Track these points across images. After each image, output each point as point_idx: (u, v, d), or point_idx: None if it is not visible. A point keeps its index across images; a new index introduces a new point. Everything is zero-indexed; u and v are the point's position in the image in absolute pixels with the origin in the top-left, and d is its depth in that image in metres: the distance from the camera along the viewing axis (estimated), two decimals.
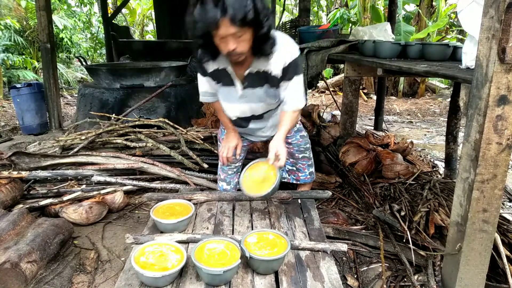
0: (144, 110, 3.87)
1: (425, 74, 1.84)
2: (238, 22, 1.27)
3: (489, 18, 1.16)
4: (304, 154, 2.03)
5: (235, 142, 1.86)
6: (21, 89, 4.04)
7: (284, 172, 2.10)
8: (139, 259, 1.28)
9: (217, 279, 1.22)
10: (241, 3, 1.25)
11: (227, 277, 1.23)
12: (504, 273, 1.53)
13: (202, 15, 1.28)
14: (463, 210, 1.33)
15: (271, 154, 1.52)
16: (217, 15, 1.25)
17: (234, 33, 1.32)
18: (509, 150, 1.22)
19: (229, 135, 1.88)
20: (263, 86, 1.63)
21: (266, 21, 1.36)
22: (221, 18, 1.26)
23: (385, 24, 3.11)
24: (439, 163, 3.33)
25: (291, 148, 1.97)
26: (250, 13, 1.28)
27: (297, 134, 1.98)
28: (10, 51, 7.38)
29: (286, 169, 2.07)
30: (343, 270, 1.76)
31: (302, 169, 2.06)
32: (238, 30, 1.31)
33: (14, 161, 2.57)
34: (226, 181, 2.04)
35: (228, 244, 1.34)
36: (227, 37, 1.33)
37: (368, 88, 7.75)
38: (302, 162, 2.04)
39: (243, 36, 1.35)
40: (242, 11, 1.25)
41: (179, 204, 1.68)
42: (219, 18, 1.26)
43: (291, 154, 1.99)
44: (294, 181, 2.08)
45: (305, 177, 2.08)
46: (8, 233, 1.77)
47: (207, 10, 1.26)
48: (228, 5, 1.24)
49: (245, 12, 1.26)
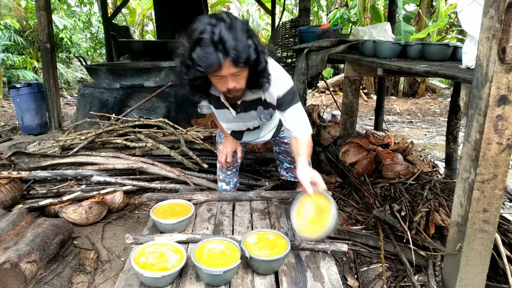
0: (144, 110, 3.87)
1: (425, 74, 1.84)
2: (242, 63, 1.26)
3: (489, 18, 1.15)
4: None
5: (234, 147, 1.88)
6: (21, 89, 4.04)
7: (282, 170, 2.10)
8: (139, 259, 1.28)
9: (217, 279, 1.22)
10: (242, 45, 1.23)
11: (227, 277, 1.23)
12: (504, 273, 1.53)
13: (204, 58, 1.24)
14: (464, 210, 1.33)
15: (307, 185, 1.39)
16: (220, 58, 1.22)
17: (234, 73, 1.30)
18: (509, 150, 1.22)
19: (228, 140, 1.89)
20: (257, 108, 1.63)
21: (264, 57, 1.34)
22: (224, 60, 1.23)
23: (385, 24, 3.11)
24: (439, 163, 3.33)
25: (288, 147, 1.98)
26: (253, 54, 1.27)
27: None
28: (10, 51, 7.37)
29: (284, 167, 2.07)
30: (343, 270, 1.75)
31: None
32: (238, 70, 1.29)
33: (13, 161, 2.57)
34: (226, 181, 2.05)
35: (228, 244, 1.33)
36: (227, 77, 1.32)
37: (368, 88, 7.75)
38: None
39: (242, 75, 1.34)
40: (245, 53, 1.24)
41: (179, 204, 1.67)
42: (222, 60, 1.23)
43: (288, 153, 1.99)
44: (292, 179, 2.08)
45: None
46: (8, 233, 1.77)
47: (209, 53, 1.22)
48: (230, 47, 1.21)
49: (248, 54, 1.25)
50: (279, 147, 2.01)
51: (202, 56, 1.24)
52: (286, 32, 4.31)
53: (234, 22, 1.25)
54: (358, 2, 7.04)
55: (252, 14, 12.74)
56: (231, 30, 1.22)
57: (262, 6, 6.65)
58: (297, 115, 1.56)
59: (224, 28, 1.22)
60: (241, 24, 1.26)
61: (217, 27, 1.22)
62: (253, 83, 1.43)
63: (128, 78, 4.11)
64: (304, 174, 1.41)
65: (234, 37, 1.22)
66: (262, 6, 6.72)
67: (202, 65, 1.25)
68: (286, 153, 2.00)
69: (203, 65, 1.25)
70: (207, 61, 1.23)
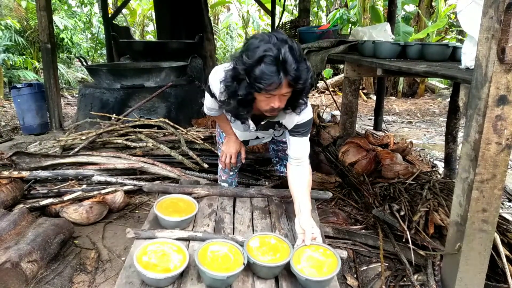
0: (144, 110, 3.88)
1: (424, 74, 1.85)
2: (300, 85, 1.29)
3: (488, 18, 1.16)
4: None
5: (236, 149, 1.89)
6: (21, 89, 4.05)
7: (282, 167, 2.11)
8: (141, 258, 1.28)
9: (220, 283, 1.22)
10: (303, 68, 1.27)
11: (229, 281, 1.24)
12: (503, 272, 1.54)
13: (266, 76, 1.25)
14: (463, 210, 1.33)
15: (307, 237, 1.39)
16: (281, 77, 1.25)
17: (285, 93, 1.33)
18: (508, 150, 1.23)
19: (230, 141, 1.90)
20: (274, 127, 1.68)
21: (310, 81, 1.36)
22: (284, 79, 1.26)
23: (385, 24, 3.12)
24: (438, 163, 3.33)
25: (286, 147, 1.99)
26: (310, 78, 1.30)
27: None
28: (11, 51, 7.38)
29: (284, 164, 2.09)
30: (342, 269, 1.76)
31: None
32: (290, 90, 1.32)
33: (14, 161, 2.58)
34: (228, 182, 2.06)
35: (232, 247, 1.34)
36: (276, 96, 1.33)
37: (367, 88, 7.76)
38: None
39: (287, 95, 1.36)
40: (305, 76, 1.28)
41: (182, 200, 1.66)
42: (283, 80, 1.26)
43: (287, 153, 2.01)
44: None
45: None
46: (9, 233, 1.77)
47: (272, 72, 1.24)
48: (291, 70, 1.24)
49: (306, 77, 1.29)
50: (276, 146, 2.03)
51: (265, 74, 1.25)
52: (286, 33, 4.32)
53: (294, 44, 1.29)
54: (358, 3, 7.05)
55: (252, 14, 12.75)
56: (292, 52, 1.26)
57: (262, 7, 6.66)
58: (305, 145, 1.61)
59: (288, 49, 1.25)
60: (298, 47, 1.30)
61: (281, 47, 1.25)
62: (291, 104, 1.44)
63: (128, 79, 4.12)
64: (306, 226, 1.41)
65: (295, 59, 1.26)
66: (262, 7, 6.73)
67: (263, 82, 1.26)
68: (284, 152, 2.01)
69: (264, 82, 1.26)
70: (270, 79, 1.25)
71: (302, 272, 1.25)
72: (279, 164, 2.12)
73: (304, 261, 1.31)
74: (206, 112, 1.81)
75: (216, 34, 11.39)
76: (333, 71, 8.81)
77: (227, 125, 1.86)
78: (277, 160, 2.11)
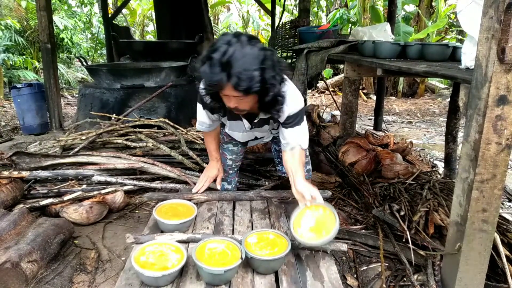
0: (144, 110, 3.88)
1: (424, 74, 1.85)
2: (242, 91, 1.27)
3: (488, 19, 1.16)
4: None
5: (215, 173, 1.94)
6: (21, 89, 4.05)
7: (282, 167, 2.11)
8: (139, 258, 1.28)
9: (218, 278, 1.22)
10: (247, 74, 1.23)
11: (227, 276, 1.24)
12: (503, 272, 1.54)
13: (208, 76, 1.27)
14: (463, 210, 1.33)
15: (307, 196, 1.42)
16: (222, 80, 1.25)
17: (237, 96, 1.32)
18: (508, 150, 1.23)
19: (211, 165, 1.95)
20: (269, 123, 1.68)
21: (272, 90, 1.34)
22: (226, 83, 1.25)
23: (385, 24, 3.12)
24: (438, 163, 3.33)
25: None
26: (255, 86, 1.26)
27: None
28: (11, 51, 7.38)
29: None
30: (342, 269, 1.76)
31: None
32: (241, 95, 1.30)
33: (14, 161, 2.58)
34: (227, 180, 2.06)
35: (229, 244, 1.34)
36: (230, 97, 1.34)
37: (367, 88, 7.76)
38: None
39: (246, 100, 1.35)
40: (246, 83, 1.24)
41: (181, 205, 1.68)
42: (224, 82, 1.25)
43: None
44: None
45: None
46: (9, 233, 1.77)
47: (214, 72, 1.25)
48: (234, 73, 1.22)
49: (250, 85, 1.25)
50: (278, 146, 2.03)
51: (207, 73, 1.27)
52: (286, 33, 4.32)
53: (251, 49, 1.25)
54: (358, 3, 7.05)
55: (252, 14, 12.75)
56: (243, 57, 1.23)
57: (262, 7, 6.66)
58: (299, 132, 1.59)
59: (238, 51, 1.23)
60: (257, 53, 1.26)
61: (231, 48, 1.23)
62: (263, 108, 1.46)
63: (128, 79, 4.12)
64: (302, 188, 1.45)
65: (243, 63, 1.23)
66: (262, 7, 6.73)
67: (207, 80, 1.29)
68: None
69: (207, 81, 1.30)
70: (211, 78, 1.27)
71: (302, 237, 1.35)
72: (280, 164, 2.13)
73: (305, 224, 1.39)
74: (198, 127, 1.84)
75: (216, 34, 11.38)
76: (333, 71, 8.81)
77: (213, 146, 1.90)
78: (279, 160, 2.12)
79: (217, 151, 1.94)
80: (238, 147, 1.99)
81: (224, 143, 2.00)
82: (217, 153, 1.93)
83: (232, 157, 2.01)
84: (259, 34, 12.76)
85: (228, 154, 2.01)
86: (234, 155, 2.01)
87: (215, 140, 1.90)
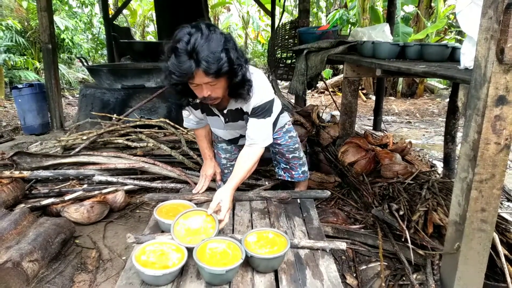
0: (145, 110, 3.89)
1: (423, 75, 1.85)
2: (213, 74, 1.30)
3: (487, 19, 1.16)
4: (294, 154, 2.06)
5: (212, 171, 1.96)
6: (22, 90, 4.05)
7: (280, 170, 2.12)
8: (140, 258, 1.29)
9: (219, 278, 1.22)
10: (215, 56, 1.27)
11: (229, 276, 1.24)
12: (502, 272, 1.54)
13: (177, 66, 1.29)
14: (462, 210, 1.34)
15: (213, 204, 1.48)
16: (192, 67, 1.27)
17: (208, 82, 1.34)
18: (507, 150, 1.23)
19: (206, 164, 1.97)
20: (243, 118, 1.69)
21: (240, 70, 1.38)
22: (195, 69, 1.28)
23: (384, 25, 3.13)
24: (437, 163, 3.34)
25: (281, 148, 2.01)
26: (224, 66, 1.30)
27: (286, 135, 2.00)
28: (12, 51, 7.38)
29: (282, 167, 2.10)
30: (342, 269, 1.77)
31: (294, 167, 2.09)
32: (212, 80, 1.33)
33: (16, 161, 2.58)
34: (223, 180, 2.08)
35: (230, 244, 1.35)
36: (202, 85, 1.36)
37: (367, 89, 7.77)
38: (293, 162, 2.07)
39: (217, 84, 1.38)
40: (216, 64, 1.27)
41: (182, 205, 1.68)
42: (194, 69, 1.28)
43: (283, 154, 2.02)
44: (289, 179, 2.11)
45: (298, 175, 2.11)
46: (10, 233, 1.78)
47: (182, 62, 1.27)
48: (202, 58, 1.26)
49: (219, 66, 1.28)
50: (273, 148, 2.04)
51: (175, 65, 1.29)
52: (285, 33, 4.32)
53: (212, 34, 1.29)
54: (357, 3, 7.06)
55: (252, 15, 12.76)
56: (207, 42, 1.26)
57: (262, 8, 6.67)
58: (260, 128, 1.60)
59: (200, 38, 1.26)
60: (219, 37, 1.30)
61: (193, 36, 1.26)
62: (233, 93, 1.47)
63: (129, 79, 4.12)
64: (220, 195, 1.50)
65: (208, 48, 1.26)
66: (262, 8, 6.74)
67: (176, 73, 1.30)
68: (281, 154, 2.02)
69: (176, 73, 1.30)
70: (180, 69, 1.28)
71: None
72: (277, 167, 2.14)
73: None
74: (185, 124, 1.87)
75: None
76: (332, 72, 8.82)
77: (204, 143, 1.91)
78: (276, 163, 2.13)
79: (210, 149, 1.95)
80: (231, 146, 2.01)
81: (218, 143, 2.01)
82: (209, 151, 1.94)
83: (226, 156, 2.03)
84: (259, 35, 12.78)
85: (222, 153, 2.02)
86: (227, 153, 2.02)
87: (206, 138, 1.91)
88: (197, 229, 1.45)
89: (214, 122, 1.79)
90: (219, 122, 1.74)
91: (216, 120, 1.74)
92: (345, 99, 2.89)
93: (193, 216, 1.51)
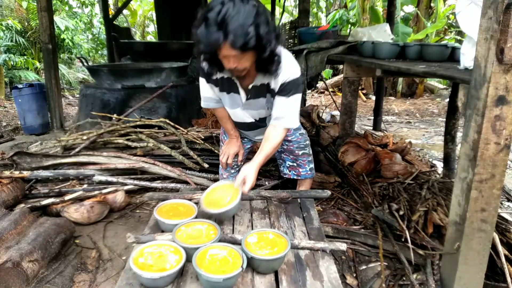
0: (145, 110, 3.89)
1: (423, 75, 1.85)
2: (239, 48, 1.28)
3: (487, 19, 1.16)
4: (304, 151, 2.05)
5: (236, 150, 1.92)
6: (22, 90, 4.06)
7: (284, 168, 2.11)
8: (137, 260, 1.28)
9: (217, 286, 1.20)
10: (243, 30, 1.25)
11: (227, 285, 1.22)
12: (502, 272, 1.54)
13: (205, 36, 1.28)
14: (462, 210, 1.34)
15: (239, 179, 1.51)
16: (219, 39, 1.26)
17: (235, 55, 1.33)
18: (507, 150, 1.23)
19: (231, 142, 1.93)
20: (266, 96, 1.66)
21: (269, 46, 1.36)
22: (223, 42, 1.27)
23: (384, 25, 3.13)
24: (437, 163, 3.34)
25: (291, 145, 2.00)
26: (252, 41, 1.28)
27: (297, 132, 2.00)
28: (12, 51, 7.39)
29: (287, 166, 2.09)
30: (342, 269, 1.77)
31: (302, 165, 2.08)
32: (239, 53, 1.32)
33: (16, 161, 2.59)
34: (229, 179, 2.07)
35: (231, 251, 1.33)
36: (229, 57, 1.35)
37: (367, 89, 7.77)
38: (302, 159, 2.06)
39: (245, 58, 1.37)
40: (243, 38, 1.26)
41: (182, 205, 1.68)
42: (221, 42, 1.26)
43: (291, 151, 2.01)
44: (295, 177, 2.10)
45: (306, 172, 2.10)
46: (10, 233, 1.78)
47: (210, 32, 1.26)
48: (230, 31, 1.24)
49: (246, 40, 1.27)
50: (281, 146, 2.03)
51: (203, 34, 1.28)
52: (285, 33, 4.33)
53: (245, 5, 1.27)
54: (357, 4, 7.07)
55: None
56: (238, 13, 1.24)
57: None
58: (288, 104, 1.58)
59: (232, 9, 1.24)
60: (251, 9, 1.28)
61: (225, 6, 1.24)
62: (261, 67, 1.46)
63: (129, 79, 4.12)
64: (246, 171, 1.53)
65: (238, 20, 1.24)
66: None
67: (204, 42, 1.29)
68: (289, 151, 2.01)
69: (204, 42, 1.30)
70: (208, 39, 1.27)
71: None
72: (282, 165, 2.13)
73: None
74: (203, 104, 1.82)
75: None
76: (332, 72, 8.82)
77: (229, 124, 1.87)
78: (281, 161, 2.12)
79: (235, 130, 1.90)
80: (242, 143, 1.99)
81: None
82: (235, 131, 1.90)
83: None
84: None
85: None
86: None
87: (229, 119, 1.86)
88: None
89: (231, 101, 1.73)
90: (237, 100, 1.70)
91: (234, 98, 1.70)
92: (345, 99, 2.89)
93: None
